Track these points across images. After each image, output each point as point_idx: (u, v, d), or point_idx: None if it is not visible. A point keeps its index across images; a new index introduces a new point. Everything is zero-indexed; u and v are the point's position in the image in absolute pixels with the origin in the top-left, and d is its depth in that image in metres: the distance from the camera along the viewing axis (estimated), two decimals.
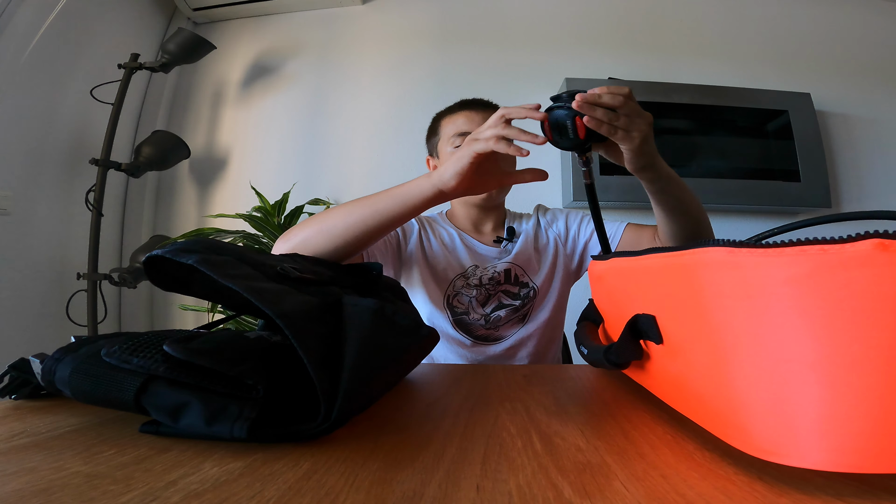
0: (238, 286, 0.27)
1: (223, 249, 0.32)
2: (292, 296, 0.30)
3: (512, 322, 0.78)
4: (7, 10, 1.37)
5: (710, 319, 0.22)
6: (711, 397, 0.23)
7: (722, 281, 0.21)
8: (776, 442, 0.19)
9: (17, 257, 1.41)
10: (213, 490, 0.19)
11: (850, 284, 0.17)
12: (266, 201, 1.55)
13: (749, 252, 0.19)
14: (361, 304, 0.32)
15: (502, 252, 0.80)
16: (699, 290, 0.22)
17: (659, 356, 0.29)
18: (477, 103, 0.80)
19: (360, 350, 0.28)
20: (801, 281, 0.18)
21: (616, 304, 0.37)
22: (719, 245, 0.21)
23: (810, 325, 0.18)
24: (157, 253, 0.29)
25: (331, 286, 0.36)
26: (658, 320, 0.28)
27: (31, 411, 0.31)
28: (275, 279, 0.32)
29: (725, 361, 0.21)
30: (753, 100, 1.71)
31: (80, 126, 1.60)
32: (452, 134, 0.77)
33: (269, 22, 1.97)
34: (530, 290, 0.78)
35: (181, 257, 0.28)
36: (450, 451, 0.24)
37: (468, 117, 0.77)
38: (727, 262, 0.20)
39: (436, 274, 0.78)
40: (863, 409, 0.17)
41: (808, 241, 0.18)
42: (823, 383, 0.18)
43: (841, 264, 0.17)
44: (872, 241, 0.17)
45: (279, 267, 0.34)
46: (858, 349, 0.17)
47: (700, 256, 0.22)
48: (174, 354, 0.24)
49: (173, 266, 0.30)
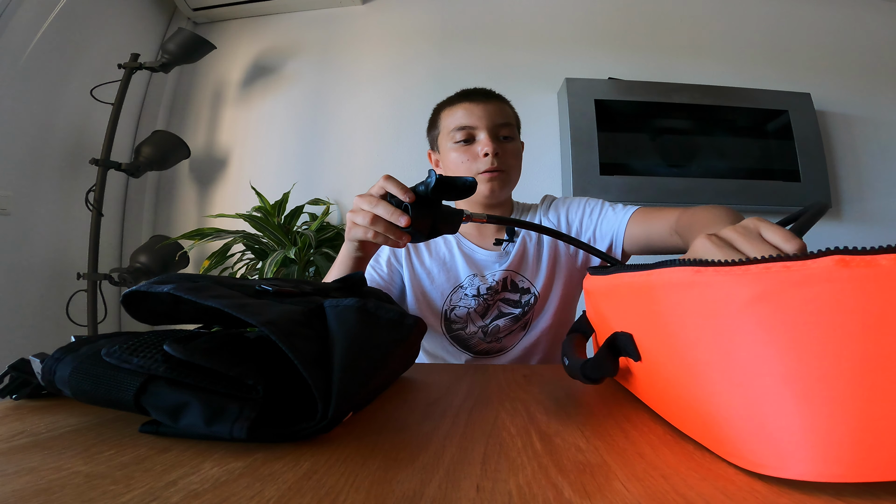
0: (221, 304, 0.27)
1: (198, 278, 0.32)
2: (275, 306, 0.30)
3: (514, 332, 0.75)
4: (7, 10, 1.37)
5: (679, 338, 0.22)
6: (696, 412, 0.24)
7: (686, 301, 0.21)
8: (760, 454, 0.19)
9: (17, 257, 1.41)
10: (213, 490, 0.19)
11: (814, 300, 0.17)
12: (266, 201, 1.55)
13: (715, 271, 0.20)
14: (343, 303, 0.32)
15: (501, 256, 0.76)
16: (666, 310, 0.23)
17: (640, 372, 0.29)
18: (477, 93, 0.76)
19: (348, 347, 0.28)
20: (766, 298, 0.18)
21: (602, 320, 0.37)
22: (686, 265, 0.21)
23: (780, 341, 0.18)
24: (133, 289, 0.29)
25: (313, 296, 0.36)
26: (635, 338, 0.28)
27: (31, 411, 0.31)
28: (255, 296, 0.32)
29: (701, 378, 0.22)
30: (753, 100, 1.71)
31: (80, 126, 1.60)
32: (452, 128, 0.73)
33: (269, 22, 1.97)
34: (531, 296, 0.75)
35: (156, 288, 0.28)
36: (450, 451, 0.24)
37: (468, 109, 0.73)
38: (691, 282, 0.21)
39: (431, 293, 0.76)
40: (839, 420, 0.17)
41: (771, 258, 0.18)
42: (798, 397, 0.18)
43: (803, 281, 0.17)
44: (833, 258, 0.17)
45: (257, 286, 0.35)
46: (829, 363, 0.17)
47: (665, 277, 0.22)
48: (174, 354, 0.24)
49: (154, 299, 0.30)
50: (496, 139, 0.73)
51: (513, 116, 0.78)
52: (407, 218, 0.49)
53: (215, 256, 1.46)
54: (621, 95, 1.70)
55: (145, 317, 0.33)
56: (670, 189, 1.63)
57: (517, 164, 0.77)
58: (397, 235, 0.51)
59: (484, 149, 0.71)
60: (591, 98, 1.66)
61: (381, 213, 0.50)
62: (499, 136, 0.74)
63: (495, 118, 0.73)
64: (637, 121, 1.70)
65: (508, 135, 0.75)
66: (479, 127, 0.72)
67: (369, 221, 0.50)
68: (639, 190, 1.62)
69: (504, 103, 0.77)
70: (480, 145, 0.72)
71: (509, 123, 0.75)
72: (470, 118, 0.73)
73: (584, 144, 1.62)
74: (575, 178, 1.59)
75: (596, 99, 1.66)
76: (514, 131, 0.77)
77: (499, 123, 0.73)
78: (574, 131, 1.63)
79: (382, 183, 0.51)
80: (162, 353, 0.25)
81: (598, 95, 1.67)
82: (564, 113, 1.68)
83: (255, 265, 1.50)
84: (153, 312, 0.33)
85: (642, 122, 1.70)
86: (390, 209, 0.49)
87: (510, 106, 0.79)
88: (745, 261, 0.19)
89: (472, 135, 0.73)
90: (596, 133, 1.63)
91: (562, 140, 1.74)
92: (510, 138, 0.75)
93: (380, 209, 0.50)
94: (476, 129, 0.72)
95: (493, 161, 0.71)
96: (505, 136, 0.74)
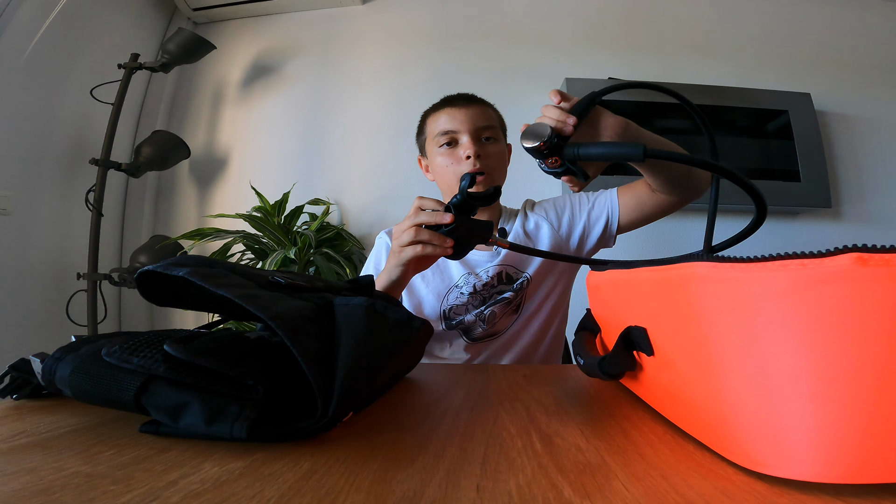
0: (231, 294, 0.27)
1: (214, 263, 0.32)
2: (285, 300, 0.30)
3: (507, 315, 0.77)
4: (7, 10, 1.37)
5: (698, 332, 0.22)
6: (702, 409, 0.23)
7: (709, 295, 0.21)
8: (766, 453, 0.19)
9: (18, 257, 1.41)
10: (213, 490, 0.19)
11: (830, 299, 0.17)
12: (266, 201, 1.55)
13: (731, 267, 0.19)
14: (352, 302, 0.32)
15: (493, 254, 0.79)
16: (687, 303, 0.23)
17: (651, 367, 0.29)
18: (459, 98, 0.79)
19: (354, 346, 0.28)
20: (782, 296, 0.18)
21: (612, 315, 0.37)
22: (704, 260, 0.21)
23: (794, 339, 0.18)
24: (148, 268, 0.29)
25: (324, 292, 0.36)
26: (649, 332, 0.28)
27: (31, 411, 0.31)
28: (267, 287, 0.32)
29: (714, 374, 0.22)
30: (753, 100, 1.71)
31: (80, 126, 1.60)
32: (437, 133, 0.77)
33: (269, 22, 1.97)
34: (524, 279, 0.78)
35: (172, 271, 0.28)
36: (450, 451, 0.24)
37: (450, 115, 0.76)
38: (713, 277, 0.20)
39: (427, 296, 0.78)
40: (850, 421, 0.17)
41: (788, 255, 0.18)
42: (810, 396, 0.18)
43: (820, 279, 0.17)
44: (851, 256, 0.17)
45: (270, 276, 0.35)
46: (843, 363, 0.17)
47: (688, 270, 0.22)
48: (174, 354, 0.24)
49: (166, 280, 0.30)
50: (478, 141, 0.76)
51: (496, 119, 0.81)
52: (450, 215, 0.53)
53: (215, 256, 1.46)
54: (621, 95, 1.70)
55: (154, 296, 0.33)
56: None
57: (500, 166, 0.79)
58: (443, 242, 0.54)
59: (466, 151, 0.74)
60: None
61: (424, 218, 0.54)
62: (480, 138, 0.76)
63: (477, 121, 0.76)
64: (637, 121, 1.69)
65: (491, 136, 0.78)
66: (461, 130, 0.75)
67: (415, 234, 0.54)
68: None
69: (487, 107, 0.81)
70: (462, 148, 0.75)
71: (492, 126, 0.78)
72: (452, 122, 0.76)
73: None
74: None
75: None
76: (498, 133, 0.80)
77: (480, 126, 0.76)
78: None
79: (417, 202, 0.56)
80: (162, 352, 0.25)
81: None
82: None
83: (255, 265, 1.50)
84: (165, 291, 0.33)
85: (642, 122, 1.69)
86: (433, 213, 0.54)
87: (493, 109, 0.82)
88: (762, 257, 0.19)
89: (455, 138, 0.76)
90: None
91: None
92: (493, 139, 0.78)
93: (422, 216, 0.54)
94: (458, 132, 0.76)
95: (475, 163, 0.73)
96: (487, 138, 0.77)
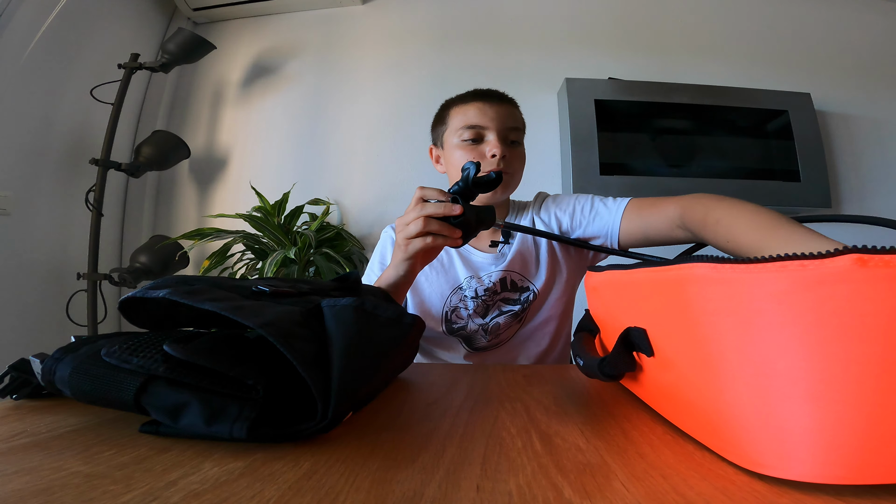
0: (216, 308, 0.27)
1: (195, 280, 0.32)
2: (272, 307, 0.30)
3: (511, 326, 0.76)
4: (7, 10, 1.37)
5: (697, 333, 0.22)
6: (702, 409, 0.24)
7: (709, 296, 0.21)
8: (766, 454, 0.19)
9: (17, 257, 1.41)
10: (213, 490, 0.19)
11: (830, 300, 0.17)
12: (266, 201, 1.55)
13: (731, 268, 0.19)
14: (341, 303, 0.32)
15: (497, 258, 0.76)
16: (687, 304, 0.23)
17: (651, 368, 0.29)
18: (491, 95, 0.75)
19: (347, 346, 0.28)
20: (782, 297, 0.18)
21: (611, 316, 0.37)
22: (704, 261, 0.21)
23: (794, 340, 0.18)
24: (128, 295, 0.29)
25: (310, 296, 0.36)
26: (648, 333, 0.28)
27: (31, 411, 0.31)
28: (252, 297, 0.32)
29: (714, 375, 0.22)
30: (753, 100, 1.71)
31: (80, 126, 1.60)
32: (461, 126, 0.72)
33: (269, 22, 1.97)
34: (530, 293, 0.76)
35: (152, 294, 0.28)
36: (450, 451, 0.24)
37: (480, 110, 0.72)
38: (713, 278, 0.21)
39: (430, 296, 0.76)
40: (850, 422, 0.17)
41: (788, 256, 0.18)
42: (810, 397, 0.18)
43: (820, 280, 0.17)
44: (851, 257, 0.16)
45: (254, 286, 0.35)
46: (843, 364, 0.17)
47: (687, 271, 0.22)
48: (174, 354, 0.24)
49: (149, 305, 0.30)
50: (505, 142, 0.72)
51: (521, 122, 0.78)
52: (459, 206, 0.51)
53: (215, 256, 1.46)
54: (621, 95, 1.70)
55: (144, 322, 0.33)
56: (670, 189, 1.63)
57: (520, 170, 0.77)
58: (452, 232, 0.52)
59: (492, 150, 0.71)
60: (591, 98, 1.66)
61: (432, 210, 0.51)
62: (508, 139, 0.73)
63: (506, 121, 0.73)
64: (637, 121, 1.70)
65: (516, 139, 0.75)
66: (489, 128, 0.72)
67: (422, 225, 0.52)
68: (639, 190, 1.62)
69: (515, 108, 0.77)
70: (489, 146, 0.71)
71: (518, 128, 0.75)
72: (482, 118, 0.72)
73: (583, 144, 1.62)
74: (575, 178, 1.59)
75: (596, 99, 1.66)
76: (521, 137, 0.77)
77: (509, 127, 0.73)
78: (574, 131, 1.63)
79: (419, 193, 0.53)
80: (162, 353, 0.25)
81: (598, 95, 1.67)
82: (564, 113, 1.68)
83: (255, 265, 1.50)
84: (151, 317, 0.33)
85: (642, 122, 1.70)
86: (440, 204, 0.51)
87: (520, 111, 0.79)
88: (762, 258, 0.19)
89: (482, 135, 0.72)
90: (596, 133, 1.63)
91: (562, 140, 1.74)
92: (517, 143, 0.75)
93: (429, 208, 0.52)
94: (486, 129, 0.72)
95: (499, 164, 0.71)
96: (513, 141, 0.74)
